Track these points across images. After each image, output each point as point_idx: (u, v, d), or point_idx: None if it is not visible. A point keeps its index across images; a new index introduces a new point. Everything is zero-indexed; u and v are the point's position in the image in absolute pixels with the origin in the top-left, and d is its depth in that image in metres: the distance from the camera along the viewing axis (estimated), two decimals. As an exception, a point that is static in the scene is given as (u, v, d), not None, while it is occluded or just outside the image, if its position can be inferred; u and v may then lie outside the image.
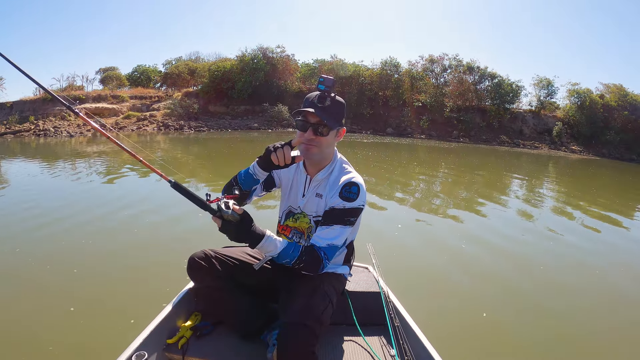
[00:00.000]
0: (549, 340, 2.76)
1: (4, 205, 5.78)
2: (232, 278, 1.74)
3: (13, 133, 21.42)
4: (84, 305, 2.83)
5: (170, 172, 1.50)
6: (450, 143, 25.67)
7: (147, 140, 19.02)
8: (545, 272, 4.03)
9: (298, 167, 1.75)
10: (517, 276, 3.88)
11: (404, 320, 1.83)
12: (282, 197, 1.81)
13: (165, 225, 4.83)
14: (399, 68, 32.19)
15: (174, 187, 1.32)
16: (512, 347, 2.68)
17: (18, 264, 3.49)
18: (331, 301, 1.58)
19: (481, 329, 2.86)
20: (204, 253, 1.74)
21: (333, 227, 1.51)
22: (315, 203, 1.65)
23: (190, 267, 1.73)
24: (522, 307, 3.24)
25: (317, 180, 1.65)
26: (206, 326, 1.78)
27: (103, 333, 2.51)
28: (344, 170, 1.64)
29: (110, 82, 32.31)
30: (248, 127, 26.83)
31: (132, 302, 2.93)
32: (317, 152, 1.57)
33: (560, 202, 8.58)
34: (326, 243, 1.50)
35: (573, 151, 27.54)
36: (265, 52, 30.41)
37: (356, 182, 1.55)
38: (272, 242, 1.41)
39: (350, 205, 1.52)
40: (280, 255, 1.44)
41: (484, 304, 3.22)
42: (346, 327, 1.87)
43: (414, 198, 7.89)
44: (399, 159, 14.82)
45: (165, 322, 1.69)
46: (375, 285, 2.07)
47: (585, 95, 30.08)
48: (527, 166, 16.56)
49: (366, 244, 2.49)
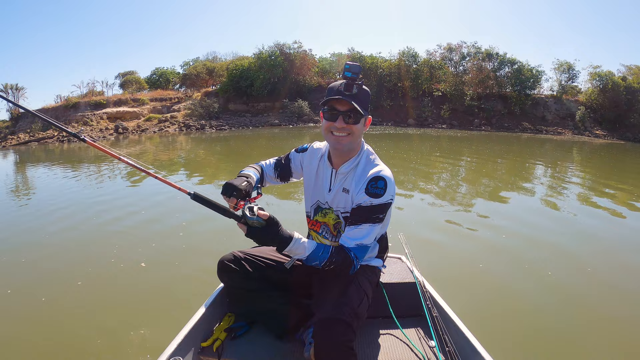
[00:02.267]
0: (597, 335, 2.65)
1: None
2: (264, 278, 1.70)
3: (37, 140, 22.06)
4: (114, 313, 2.85)
5: (193, 175, 1.49)
6: (472, 132, 25.42)
7: (169, 141, 19.31)
8: (584, 263, 3.81)
9: (322, 159, 1.68)
10: (557, 267, 3.68)
11: (442, 311, 1.76)
12: (307, 190, 1.74)
13: (194, 225, 4.78)
14: (417, 58, 31.94)
15: (195, 199, 1.31)
16: (557, 342, 2.56)
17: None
18: (366, 294, 1.54)
19: (522, 320, 2.77)
20: (233, 255, 1.70)
21: (361, 226, 1.45)
22: (343, 199, 1.58)
23: (220, 270, 1.70)
24: (563, 298, 3.11)
25: (342, 174, 1.58)
26: (241, 327, 1.74)
27: (136, 340, 2.50)
28: (370, 162, 1.55)
29: (129, 86, 32.81)
30: (269, 123, 26.99)
31: (165, 305, 2.94)
32: (349, 142, 1.49)
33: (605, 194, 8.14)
34: (355, 243, 1.45)
35: (597, 136, 27.00)
36: (282, 48, 30.47)
37: (383, 175, 1.46)
38: (301, 245, 1.38)
39: (378, 201, 1.44)
40: (309, 258, 1.40)
41: (521, 293, 3.12)
42: (382, 319, 1.83)
43: (440, 187, 7.79)
44: (420, 150, 14.73)
45: (199, 324, 1.66)
46: (410, 276, 2.02)
47: (607, 77, 29.39)
48: (552, 153, 16.02)
49: (397, 233, 2.43)
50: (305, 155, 1.75)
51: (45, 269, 3.67)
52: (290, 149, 1.86)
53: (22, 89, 30.58)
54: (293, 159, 1.79)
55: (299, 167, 1.77)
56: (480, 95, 29.82)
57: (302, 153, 1.77)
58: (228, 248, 1.83)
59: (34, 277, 3.50)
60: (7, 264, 3.78)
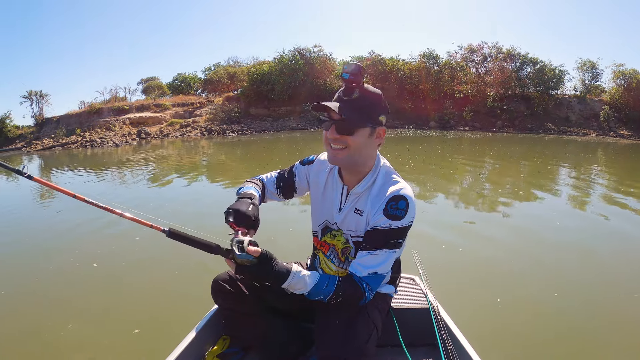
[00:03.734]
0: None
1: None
2: (261, 300, 1.53)
3: (61, 146, 22.81)
4: (99, 328, 2.67)
5: (214, 175, 1.27)
6: (495, 134, 25.17)
7: (192, 146, 19.59)
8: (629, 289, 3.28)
9: (332, 173, 1.47)
10: (596, 293, 3.23)
11: (457, 342, 1.58)
12: (314, 206, 1.55)
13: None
14: (438, 60, 31.79)
15: (171, 237, 1.12)
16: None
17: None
18: (376, 326, 1.36)
19: (547, 353, 2.41)
20: (229, 275, 1.54)
21: (376, 252, 1.26)
22: (355, 221, 1.37)
23: (214, 291, 1.54)
24: (603, 330, 2.66)
25: (355, 194, 1.37)
26: (235, 352, 1.62)
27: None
28: (388, 180, 1.33)
29: (152, 91, 33.42)
30: (290, 127, 27.19)
31: (154, 325, 2.72)
32: (346, 157, 1.27)
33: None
34: (368, 272, 1.27)
35: (622, 136, 26.44)
36: (303, 52, 30.64)
37: (404, 194, 1.26)
38: (301, 279, 1.21)
39: (398, 224, 1.24)
40: (311, 293, 1.24)
41: (555, 325, 2.69)
42: (391, 348, 1.66)
43: (461, 196, 7.20)
44: (442, 153, 14.45)
45: (190, 348, 1.52)
46: (423, 300, 1.82)
47: (632, 76, 28.76)
48: (576, 155, 15.18)
49: (411, 250, 2.16)
50: (311, 168, 1.54)
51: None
52: (310, 152, 1.64)
53: (46, 95, 31.39)
54: (297, 172, 1.57)
55: (304, 181, 1.56)
56: (502, 96, 29.48)
57: (307, 165, 1.55)
58: (224, 266, 1.76)
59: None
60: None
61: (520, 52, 30.32)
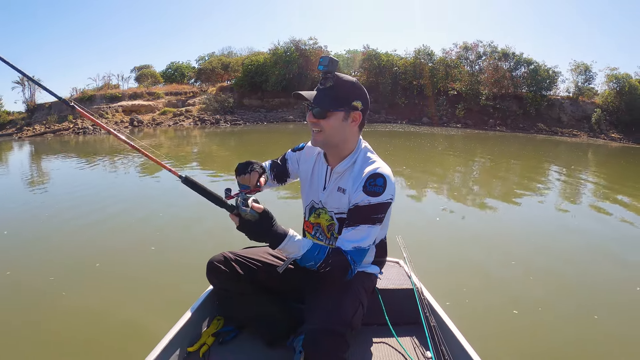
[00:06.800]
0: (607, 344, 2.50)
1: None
2: (255, 281, 1.61)
3: (53, 132, 22.54)
4: (97, 312, 2.70)
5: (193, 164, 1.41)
6: (487, 132, 25.28)
7: (184, 135, 19.51)
8: (598, 269, 3.67)
9: (319, 157, 1.60)
10: (567, 273, 3.52)
11: (440, 319, 1.67)
12: (302, 190, 1.67)
13: (184, 223, 4.63)
14: (432, 56, 31.83)
15: (185, 183, 1.21)
16: (562, 353, 2.40)
17: None
18: (362, 303, 1.45)
19: (526, 331, 2.60)
20: (223, 256, 1.61)
21: (359, 227, 1.36)
22: (338, 198, 1.49)
23: (209, 271, 1.61)
24: (575, 306, 2.91)
25: (338, 173, 1.49)
26: (229, 331, 1.67)
27: (118, 344, 2.39)
28: (368, 160, 1.46)
29: (145, 79, 33.06)
30: (283, 119, 27.13)
31: (150, 307, 2.78)
32: (322, 139, 1.43)
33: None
34: (352, 246, 1.36)
35: (613, 139, 26.65)
36: (298, 45, 30.51)
37: (381, 172, 1.37)
38: (296, 242, 1.29)
39: (377, 200, 1.35)
40: (304, 257, 1.32)
41: (528, 302, 2.92)
42: (377, 327, 1.74)
43: (446, 188, 7.51)
44: (433, 148, 14.61)
45: (186, 328, 1.57)
46: (407, 281, 1.92)
47: (625, 80, 28.98)
48: (567, 156, 15.54)
49: (396, 236, 2.29)
50: (302, 153, 1.68)
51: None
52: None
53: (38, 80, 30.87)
54: (289, 158, 1.71)
55: (295, 166, 1.70)
56: (495, 95, 29.59)
57: (298, 152, 1.70)
58: (218, 248, 1.72)
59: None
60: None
61: (515, 52, 30.44)
